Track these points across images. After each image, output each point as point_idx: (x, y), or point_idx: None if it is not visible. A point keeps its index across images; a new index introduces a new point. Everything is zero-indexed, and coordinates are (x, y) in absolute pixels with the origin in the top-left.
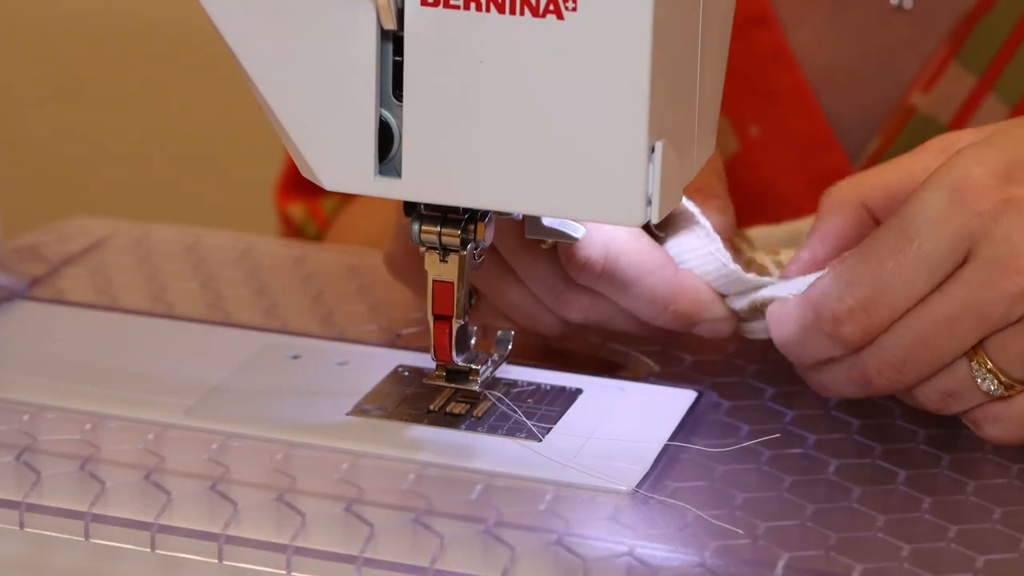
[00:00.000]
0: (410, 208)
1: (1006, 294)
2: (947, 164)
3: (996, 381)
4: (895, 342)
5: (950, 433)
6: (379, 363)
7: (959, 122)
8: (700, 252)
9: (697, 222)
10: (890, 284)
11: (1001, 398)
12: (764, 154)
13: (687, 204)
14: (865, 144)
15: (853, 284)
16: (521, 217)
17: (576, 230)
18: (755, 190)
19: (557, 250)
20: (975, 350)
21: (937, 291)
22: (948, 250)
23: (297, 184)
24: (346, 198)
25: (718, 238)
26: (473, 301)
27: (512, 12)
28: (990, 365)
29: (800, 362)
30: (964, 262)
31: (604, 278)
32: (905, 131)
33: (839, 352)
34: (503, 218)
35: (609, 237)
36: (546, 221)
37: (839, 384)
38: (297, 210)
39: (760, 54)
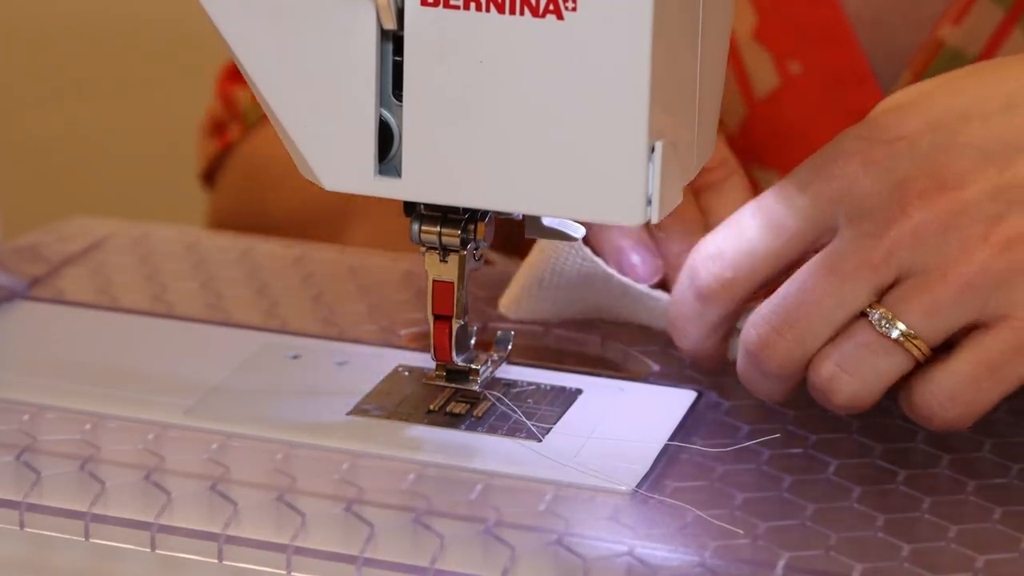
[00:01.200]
0: (410, 208)
1: (884, 239)
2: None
3: (897, 328)
4: (774, 298)
5: (950, 433)
6: (379, 363)
7: (987, 55)
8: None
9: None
10: (745, 234)
11: (908, 358)
12: (802, 91)
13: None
14: (895, 81)
15: (714, 238)
16: (521, 217)
17: (576, 230)
18: (788, 126)
19: None
20: (873, 306)
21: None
22: (811, 209)
23: None
24: None
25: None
26: None
27: (512, 12)
28: (890, 315)
29: (680, 333)
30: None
31: None
32: (934, 65)
33: (706, 313)
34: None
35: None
36: (546, 221)
37: (743, 367)
38: (244, 95)
39: None
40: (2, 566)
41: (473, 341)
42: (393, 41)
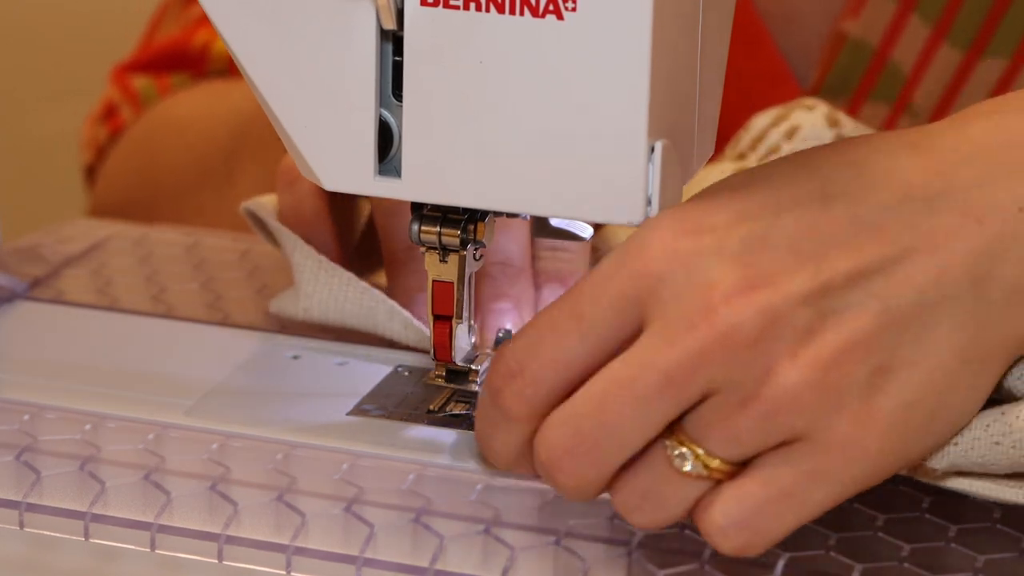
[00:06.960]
0: (415, 207)
1: (688, 350)
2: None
3: (693, 457)
4: (568, 412)
5: None
6: (379, 363)
7: (888, 44)
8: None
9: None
10: (543, 340)
11: (708, 482)
12: (725, 94)
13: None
14: (808, 77)
15: (511, 346)
16: (528, 217)
17: (583, 230)
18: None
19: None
20: (671, 429)
21: (616, 359)
22: (610, 310)
23: (150, 64)
24: (195, 79)
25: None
26: None
27: (512, 12)
28: (686, 441)
29: (489, 452)
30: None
31: None
32: (840, 58)
33: (510, 428)
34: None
35: None
36: (553, 222)
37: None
38: (142, 82)
39: None
40: (2, 566)
41: (473, 339)
42: (393, 41)
